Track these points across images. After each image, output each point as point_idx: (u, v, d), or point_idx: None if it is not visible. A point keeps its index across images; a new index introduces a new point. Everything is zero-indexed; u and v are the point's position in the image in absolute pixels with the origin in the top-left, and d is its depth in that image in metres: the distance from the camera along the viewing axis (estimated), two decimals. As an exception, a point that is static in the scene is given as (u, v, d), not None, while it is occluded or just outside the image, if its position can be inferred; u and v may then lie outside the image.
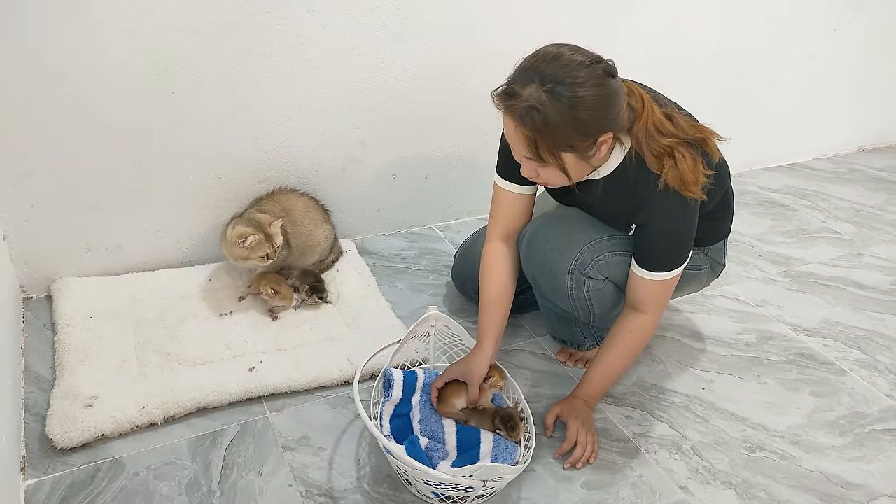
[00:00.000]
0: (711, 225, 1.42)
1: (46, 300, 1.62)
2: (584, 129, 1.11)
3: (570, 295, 1.38)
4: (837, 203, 2.45)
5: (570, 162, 1.16)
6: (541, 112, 1.09)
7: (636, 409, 1.45)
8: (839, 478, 1.32)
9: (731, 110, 2.46)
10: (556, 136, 1.11)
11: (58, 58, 1.42)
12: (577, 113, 1.09)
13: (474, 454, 1.25)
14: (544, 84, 1.09)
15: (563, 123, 1.10)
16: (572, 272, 1.34)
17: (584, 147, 1.14)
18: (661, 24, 2.13)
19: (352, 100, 1.78)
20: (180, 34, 1.51)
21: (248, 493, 1.20)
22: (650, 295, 1.32)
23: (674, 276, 1.30)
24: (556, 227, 1.38)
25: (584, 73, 1.09)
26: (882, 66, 2.71)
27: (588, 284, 1.35)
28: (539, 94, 1.09)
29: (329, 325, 1.60)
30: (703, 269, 1.48)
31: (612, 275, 1.36)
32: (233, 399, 1.37)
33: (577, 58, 1.10)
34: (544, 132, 1.11)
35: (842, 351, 1.67)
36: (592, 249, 1.34)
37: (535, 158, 1.16)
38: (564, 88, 1.08)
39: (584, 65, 1.10)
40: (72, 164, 1.54)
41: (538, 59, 1.12)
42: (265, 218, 1.58)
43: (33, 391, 1.37)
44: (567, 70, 1.09)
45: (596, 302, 1.39)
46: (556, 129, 1.10)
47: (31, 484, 1.18)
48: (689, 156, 1.18)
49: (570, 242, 1.35)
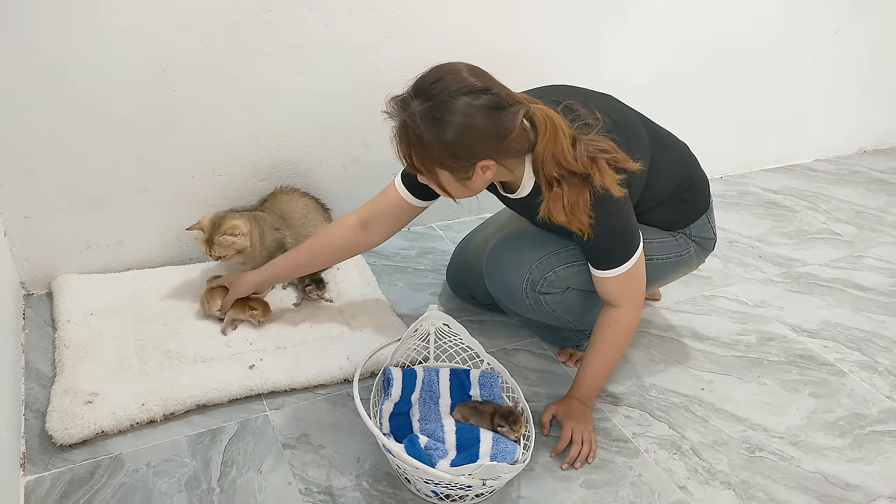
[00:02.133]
0: (681, 206, 1.44)
1: (47, 297, 1.62)
2: (454, 151, 1.14)
3: (533, 311, 1.41)
4: (838, 205, 2.44)
5: (445, 179, 1.20)
6: (413, 128, 1.13)
7: (636, 409, 1.45)
8: (838, 479, 1.32)
9: (732, 112, 2.46)
10: (429, 154, 1.15)
11: (59, 55, 1.42)
12: (445, 136, 1.11)
13: (474, 453, 1.24)
14: (424, 102, 1.12)
15: (435, 144, 1.13)
16: (525, 291, 1.38)
17: (459, 168, 1.17)
18: (661, 25, 2.13)
19: (353, 98, 1.78)
20: (182, 32, 1.51)
21: (247, 491, 1.20)
22: (617, 290, 1.32)
23: (632, 264, 1.29)
24: (507, 247, 1.42)
25: (463, 101, 1.10)
26: (883, 67, 2.71)
27: (544, 300, 1.38)
28: (419, 110, 1.12)
29: (329, 323, 1.60)
30: (686, 253, 1.48)
31: (572, 283, 1.38)
32: (233, 396, 1.37)
33: (462, 83, 1.11)
34: (418, 147, 1.15)
35: (842, 352, 1.67)
36: (541, 266, 1.36)
37: (411, 167, 1.21)
38: (437, 111, 1.11)
39: (466, 91, 1.11)
40: (73, 161, 1.54)
41: (431, 76, 1.14)
42: (229, 226, 1.54)
43: (33, 387, 1.37)
44: (446, 94, 1.11)
45: (563, 311, 1.41)
46: (428, 147, 1.14)
47: (31, 480, 1.18)
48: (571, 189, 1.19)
49: (520, 261, 1.38)
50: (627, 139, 1.26)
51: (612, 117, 1.27)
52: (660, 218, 1.42)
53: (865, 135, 2.91)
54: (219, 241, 1.53)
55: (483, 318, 1.68)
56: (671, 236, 1.45)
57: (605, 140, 1.20)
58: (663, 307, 1.79)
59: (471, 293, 1.68)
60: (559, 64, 1.96)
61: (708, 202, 1.50)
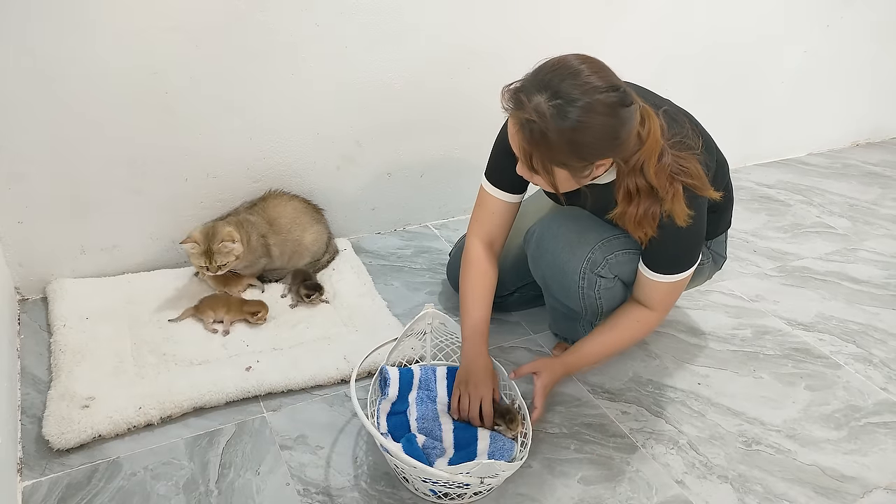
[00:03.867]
0: (714, 218, 1.42)
1: (42, 302, 1.62)
2: (582, 153, 1.09)
3: (582, 294, 1.38)
4: (832, 198, 2.45)
5: (561, 177, 1.14)
6: (541, 126, 1.06)
7: (633, 405, 1.45)
8: (834, 471, 1.32)
9: (726, 106, 2.46)
10: (553, 153, 1.09)
11: (50, 57, 1.42)
12: (578, 137, 1.06)
13: (471, 451, 1.25)
14: (553, 99, 1.05)
15: (562, 143, 1.07)
16: (584, 271, 1.34)
17: (579, 168, 1.12)
18: (654, 19, 2.13)
19: (346, 99, 1.78)
20: (174, 33, 1.50)
21: (245, 493, 1.20)
22: (657, 295, 1.33)
23: (682, 278, 1.30)
24: (565, 226, 1.37)
25: (597, 99, 1.04)
26: (876, 61, 2.72)
27: (599, 283, 1.36)
28: (546, 107, 1.05)
29: (325, 324, 1.60)
30: (706, 264, 1.49)
31: (622, 273, 1.36)
32: (230, 398, 1.37)
33: (594, 81, 1.05)
34: (541, 146, 1.08)
35: (837, 345, 1.68)
36: (603, 248, 1.33)
37: (527, 166, 1.15)
38: (572, 110, 1.04)
39: (599, 89, 1.05)
40: (66, 164, 1.54)
41: (556, 70, 1.07)
42: (223, 232, 1.53)
43: (30, 393, 1.36)
44: (580, 91, 1.04)
45: (605, 301, 1.39)
46: (554, 146, 1.07)
47: (28, 485, 1.18)
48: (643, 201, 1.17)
49: (582, 241, 1.34)
50: (707, 146, 1.25)
51: (702, 136, 1.25)
52: None
53: (858, 128, 2.92)
54: (219, 250, 1.52)
55: (479, 316, 1.68)
56: None
57: (692, 161, 1.16)
58: (659, 303, 1.79)
59: None
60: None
61: (730, 222, 1.50)
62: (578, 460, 1.31)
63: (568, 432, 1.37)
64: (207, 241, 1.52)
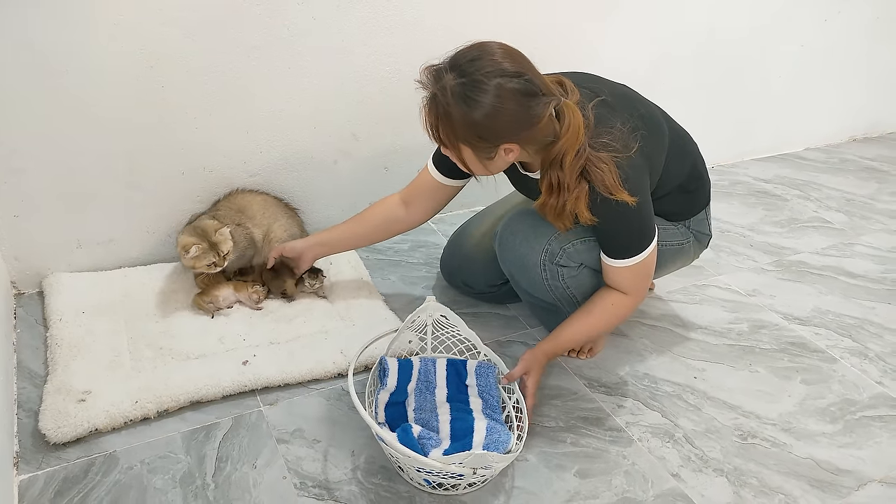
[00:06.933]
0: (686, 198, 1.47)
1: (38, 296, 1.62)
2: (481, 132, 1.15)
3: (547, 286, 1.41)
4: (828, 193, 2.46)
5: (467, 155, 1.21)
6: (443, 102, 1.14)
7: (629, 399, 1.46)
8: (830, 464, 1.33)
9: (723, 101, 2.46)
10: (454, 129, 1.16)
11: (47, 51, 1.41)
12: (473, 115, 1.13)
13: (467, 442, 1.25)
14: (459, 77, 1.13)
15: (462, 120, 1.14)
16: (544, 263, 1.37)
17: (482, 148, 1.18)
18: (651, 15, 2.13)
19: (343, 92, 1.77)
20: (170, 27, 1.50)
21: (242, 486, 1.20)
22: (624, 280, 1.35)
23: (643, 258, 1.31)
24: (522, 221, 1.42)
25: (497, 83, 1.11)
26: (872, 55, 2.72)
27: (561, 273, 1.38)
28: (450, 85, 1.13)
29: (322, 318, 1.60)
30: (686, 243, 1.52)
31: (586, 260, 1.38)
32: (226, 392, 1.37)
33: (499, 65, 1.12)
34: (444, 121, 1.16)
35: (833, 339, 1.68)
36: (560, 239, 1.36)
37: (434, 138, 1.22)
38: (469, 89, 1.12)
39: (503, 73, 1.11)
40: (62, 158, 1.53)
41: (469, 52, 1.14)
42: (211, 225, 1.52)
43: (26, 387, 1.36)
44: (480, 73, 1.11)
45: (575, 289, 1.41)
46: (455, 122, 1.15)
47: (25, 479, 1.18)
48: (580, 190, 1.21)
49: (538, 234, 1.38)
50: (655, 132, 1.29)
51: (639, 111, 1.29)
52: (666, 208, 1.44)
53: (855, 123, 2.92)
54: (219, 239, 1.50)
55: (477, 310, 1.69)
56: (673, 225, 1.49)
57: (608, 163, 1.20)
58: (655, 297, 1.80)
59: (465, 281, 1.68)
60: (554, 52, 1.96)
61: (708, 199, 1.53)
62: (574, 454, 1.31)
63: (564, 426, 1.38)
64: (205, 238, 1.51)
